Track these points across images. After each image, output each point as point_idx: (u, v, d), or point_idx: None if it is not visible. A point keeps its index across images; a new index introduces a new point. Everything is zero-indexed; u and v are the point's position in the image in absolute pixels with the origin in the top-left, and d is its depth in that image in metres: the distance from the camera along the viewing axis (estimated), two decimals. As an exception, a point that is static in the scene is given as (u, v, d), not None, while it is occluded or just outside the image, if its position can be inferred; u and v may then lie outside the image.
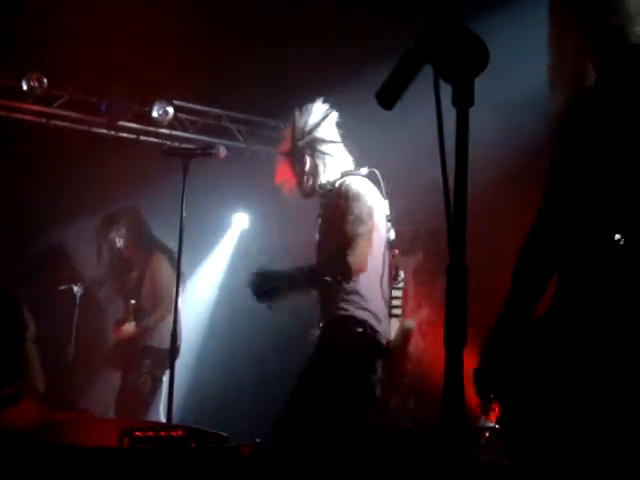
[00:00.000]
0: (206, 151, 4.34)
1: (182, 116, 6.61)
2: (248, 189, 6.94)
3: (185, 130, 6.68)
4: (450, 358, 1.45)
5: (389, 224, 3.95)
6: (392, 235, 3.94)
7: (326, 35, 5.29)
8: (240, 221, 7.50)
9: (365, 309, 3.74)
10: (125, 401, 5.67)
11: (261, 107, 6.80)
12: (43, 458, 1.93)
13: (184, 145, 5.94)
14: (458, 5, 1.45)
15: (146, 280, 5.69)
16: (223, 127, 6.87)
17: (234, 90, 5.77)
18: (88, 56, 5.48)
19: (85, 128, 6.38)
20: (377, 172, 3.95)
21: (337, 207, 3.78)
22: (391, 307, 3.89)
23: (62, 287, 6.19)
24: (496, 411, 1.94)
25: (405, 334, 3.89)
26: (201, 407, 6.18)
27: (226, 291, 7.18)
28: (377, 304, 3.79)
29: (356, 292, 3.74)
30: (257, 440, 2.55)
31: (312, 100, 4.09)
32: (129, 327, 5.60)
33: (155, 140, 6.59)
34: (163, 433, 2.25)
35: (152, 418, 5.45)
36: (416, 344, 6.55)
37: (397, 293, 3.91)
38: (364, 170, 3.96)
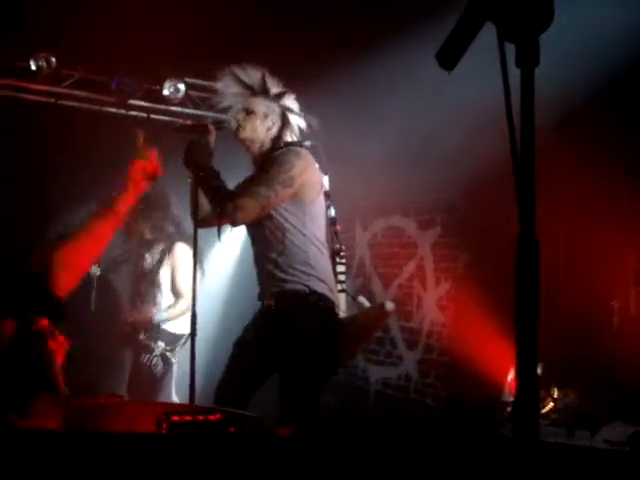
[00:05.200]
0: (220, 125, 4.10)
1: (194, 93, 6.49)
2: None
3: (197, 108, 6.55)
4: (521, 339, 1.40)
5: (329, 201, 4.00)
6: (332, 212, 4.01)
7: (339, 12, 5.20)
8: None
9: (322, 281, 3.79)
10: (137, 382, 5.71)
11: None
12: (78, 447, 1.87)
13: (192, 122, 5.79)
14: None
15: (166, 267, 5.66)
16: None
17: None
18: (97, 34, 5.39)
19: (95, 107, 6.29)
20: (319, 146, 3.98)
21: (265, 170, 3.84)
22: (338, 282, 3.95)
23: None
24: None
25: (383, 314, 3.99)
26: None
27: (244, 266, 7.09)
28: (328, 275, 3.86)
29: (307, 263, 3.78)
30: (293, 421, 2.50)
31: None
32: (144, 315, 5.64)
33: (166, 118, 6.49)
34: (200, 417, 2.18)
35: (165, 399, 5.52)
36: (436, 319, 6.51)
37: (341, 268, 3.99)
38: (307, 143, 3.98)
